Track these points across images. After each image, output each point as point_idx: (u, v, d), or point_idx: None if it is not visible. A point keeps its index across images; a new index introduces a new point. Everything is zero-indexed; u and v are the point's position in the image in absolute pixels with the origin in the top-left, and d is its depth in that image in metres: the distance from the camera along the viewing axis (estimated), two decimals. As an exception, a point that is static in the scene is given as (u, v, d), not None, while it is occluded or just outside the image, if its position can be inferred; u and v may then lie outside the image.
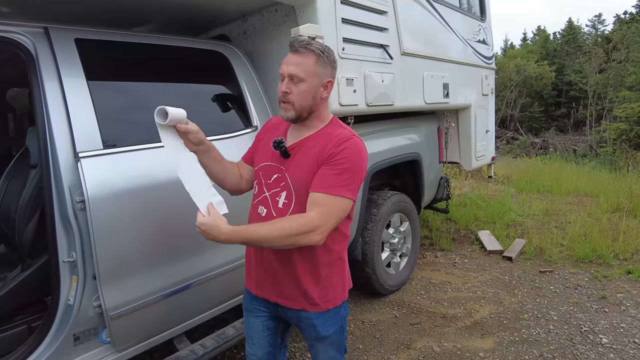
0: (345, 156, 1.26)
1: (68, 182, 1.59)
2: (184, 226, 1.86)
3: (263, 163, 1.42)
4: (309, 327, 1.41)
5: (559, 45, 30.00)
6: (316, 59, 1.28)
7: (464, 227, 4.90)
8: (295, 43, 1.30)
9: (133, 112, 1.92)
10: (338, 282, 1.43)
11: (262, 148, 1.46)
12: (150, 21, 2.74)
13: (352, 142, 1.29)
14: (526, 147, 16.94)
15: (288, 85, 1.29)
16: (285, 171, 1.34)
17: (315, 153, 1.30)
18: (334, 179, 1.24)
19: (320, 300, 1.38)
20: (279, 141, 1.34)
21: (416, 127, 3.55)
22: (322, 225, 1.22)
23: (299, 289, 1.37)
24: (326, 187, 1.24)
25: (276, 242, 1.21)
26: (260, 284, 1.44)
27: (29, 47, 1.64)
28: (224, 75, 2.31)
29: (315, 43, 1.30)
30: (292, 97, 1.29)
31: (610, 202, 5.46)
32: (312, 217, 1.22)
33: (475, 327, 2.82)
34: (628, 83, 15.67)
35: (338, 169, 1.25)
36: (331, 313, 1.42)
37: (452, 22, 3.58)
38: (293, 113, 1.31)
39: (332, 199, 1.24)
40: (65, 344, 1.61)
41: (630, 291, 3.19)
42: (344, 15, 2.42)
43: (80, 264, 1.62)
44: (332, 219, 1.25)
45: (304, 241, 1.22)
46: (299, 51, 1.28)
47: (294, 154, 1.35)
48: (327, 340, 1.44)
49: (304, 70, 1.27)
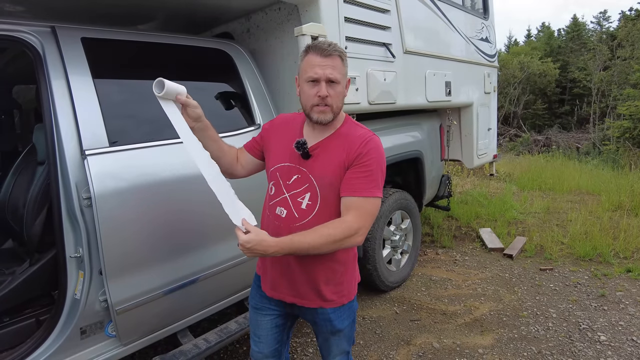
0: (372, 157, 1.31)
1: (75, 179, 1.63)
2: (188, 222, 1.90)
3: (280, 164, 1.41)
4: (325, 322, 1.45)
5: (563, 42, 29.79)
6: (342, 61, 1.32)
7: (465, 225, 4.92)
8: (324, 46, 1.30)
9: (138, 110, 1.95)
10: (351, 277, 1.48)
11: (276, 147, 1.45)
12: (155, 18, 2.76)
13: (375, 143, 1.34)
14: (529, 145, 16.87)
15: (326, 89, 1.29)
16: (309, 172, 1.35)
17: (340, 154, 1.33)
18: (364, 182, 1.29)
19: (336, 296, 1.42)
20: (303, 142, 1.34)
21: (418, 125, 3.56)
22: (362, 227, 1.28)
23: (316, 289, 1.40)
24: (358, 190, 1.29)
25: (323, 249, 1.26)
26: (276, 286, 1.46)
27: (36, 46, 1.67)
28: (228, 73, 2.34)
29: (335, 44, 1.33)
30: (331, 100, 1.30)
31: (612, 201, 5.47)
32: (352, 221, 1.27)
33: (475, 323, 2.85)
34: (632, 81, 15.56)
35: (366, 171, 1.30)
36: (345, 307, 1.46)
37: (455, 20, 3.58)
38: (331, 115, 1.33)
39: (366, 200, 1.29)
40: (72, 338, 1.65)
41: (630, 289, 3.21)
42: (346, 14, 2.43)
43: (87, 259, 1.65)
44: (369, 218, 1.31)
45: (347, 244, 1.28)
46: (330, 54, 1.29)
47: (316, 154, 1.36)
48: (342, 333, 1.48)
49: (339, 72, 1.31)
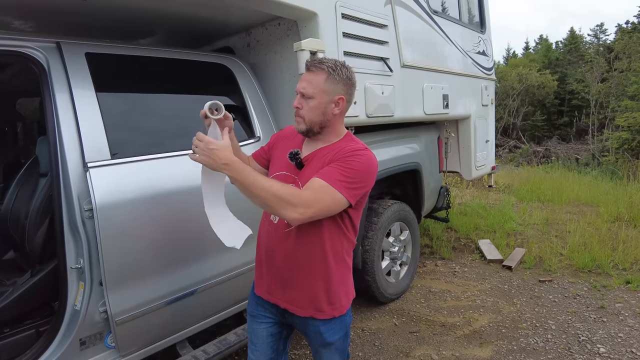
0: (357, 161, 1.30)
1: (77, 191, 1.65)
2: (188, 234, 1.92)
3: (278, 172, 1.47)
4: (316, 334, 1.46)
5: (561, 54, 30.09)
6: (326, 77, 1.34)
7: (464, 236, 4.93)
8: (309, 61, 1.38)
9: (140, 123, 1.99)
10: (345, 291, 1.48)
11: (277, 157, 1.53)
12: (156, 33, 2.82)
13: (365, 153, 1.34)
14: (528, 156, 16.95)
15: (299, 101, 1.37)
16: (299, 180, 1.40)
17: (326, 161, 1.35)
18: (337, 173, 1.27)
19: (328, 308, 1.43)
20: (295, 153, 1.40)
21: (416, 137, 3.60)
22: (307, 206, 1.22)
23: (309, 297, 1.41)
24: (326, 176, 1.26)
25: (260, 194, 1.21)
26: (272, 290, 1.48)
27: (41, 61, 1.71)
28: (228, 87, 2.38)
29: (329, 61, 1.36)
30: (302, 112, 1.36)
31: (611, 212, 5.49)
32: (303, 194, 1.23)
33: (474, 335, 2.84)
34: (630, 92, 15.69)
35: (345, 166, 1.28)
36: (337, 320, 1.46)
37: (452, 34, 3.65)
38: (304, 126, 1.38)
39: (328, 188, 1.25)
40: (72, 349, 1.65)
41: (629, 301, 3.21)
42: (345, 29, 2.48)
43: (88, 270, 1.67)
44: (319, 205, 1.24)
45: (282, 211, 1.22)
46: (310, 69, 1.36)
47: (308, 164, 1.40)
48: (332, 346, 1.48)
49: (313, 87, 1.34)
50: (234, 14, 2.45)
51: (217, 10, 2.34)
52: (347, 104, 1.40)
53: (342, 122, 1.45)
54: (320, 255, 1.38)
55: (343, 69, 1.37)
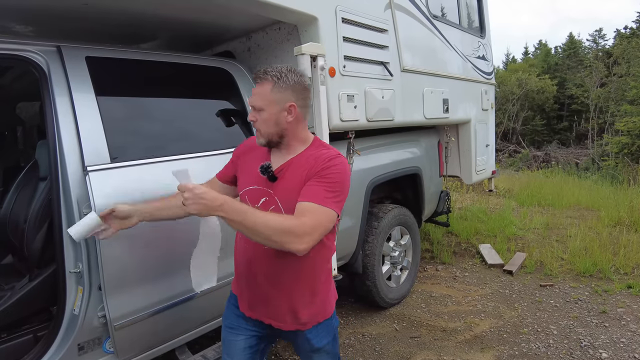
0: (335, 172, 1.27)
1: (76, 195, 1.64)
2: (187, 238, 1.91)
3: (249, 187, 1.41)
4: (304, 341, 1.46)
5: (560, 59, 30.19)
6: (272, 86, 1.29)
7: (465, 241, 4.92)
8: (254, 73, 1.34)
9: (140, 127, 1.98)
10: (327, 297, 1.48)
11: (246, 171, 1.46)
12: (157, 37, 2.83)
13: (340, 160, 1.32)
14: (528, 160, 16.96)
15: (253, 115, 1.34)
16: (274, 194, 1.35)
17: (302, 172, 1.31)
18: (323, 191, 1.24)
19: (310, 319, 1.42)
20: (267, 166, 1.35)
21: (417, 141, 3.60)
22: (310, 234, 1.19)
23: (291, 312, 1.40)
24: (316, 198, 1.23)
25: (266, 233, 1.15)
26: (253, 306, 1.45)
27: (42, 65, 1.71)
28: (228, 91, 2.38)
29: (274, 69, 1.31)
30: (257, 125, 1.34)
31: (611, 216, 5.47)
32: (307, 222, 1.18)
33: (475, 340, 2.83)
34: (629, 97, 15.75)
35: (327, 181, 1.26)
36: (323, 325, 1.46)
37: (452, 39, 3.66)
38: (262, 139, 1.36)
39: (321, 209, 1.22)
40: (70, 354, 1.64)
41: (631, 306, 3.20)
42: (345, 34, 2.49)
43: (86, 274, 1.66)
44: (320, 229, 1.22)
45: (288, 245, 1.17)
46: (256, 81, 1.33)
47: (281, 176, 1.35)
48: (322, 350, 1.48)
49: (261, 99, 1.31)
50: (235, 18, 2.45)
51: (218, 15, 2.34)
52: (302, 109, 1.35)
53: (304, 127, 1.40)
54: (303, 269, 1.36)
55: (290, 75, 1.31)
